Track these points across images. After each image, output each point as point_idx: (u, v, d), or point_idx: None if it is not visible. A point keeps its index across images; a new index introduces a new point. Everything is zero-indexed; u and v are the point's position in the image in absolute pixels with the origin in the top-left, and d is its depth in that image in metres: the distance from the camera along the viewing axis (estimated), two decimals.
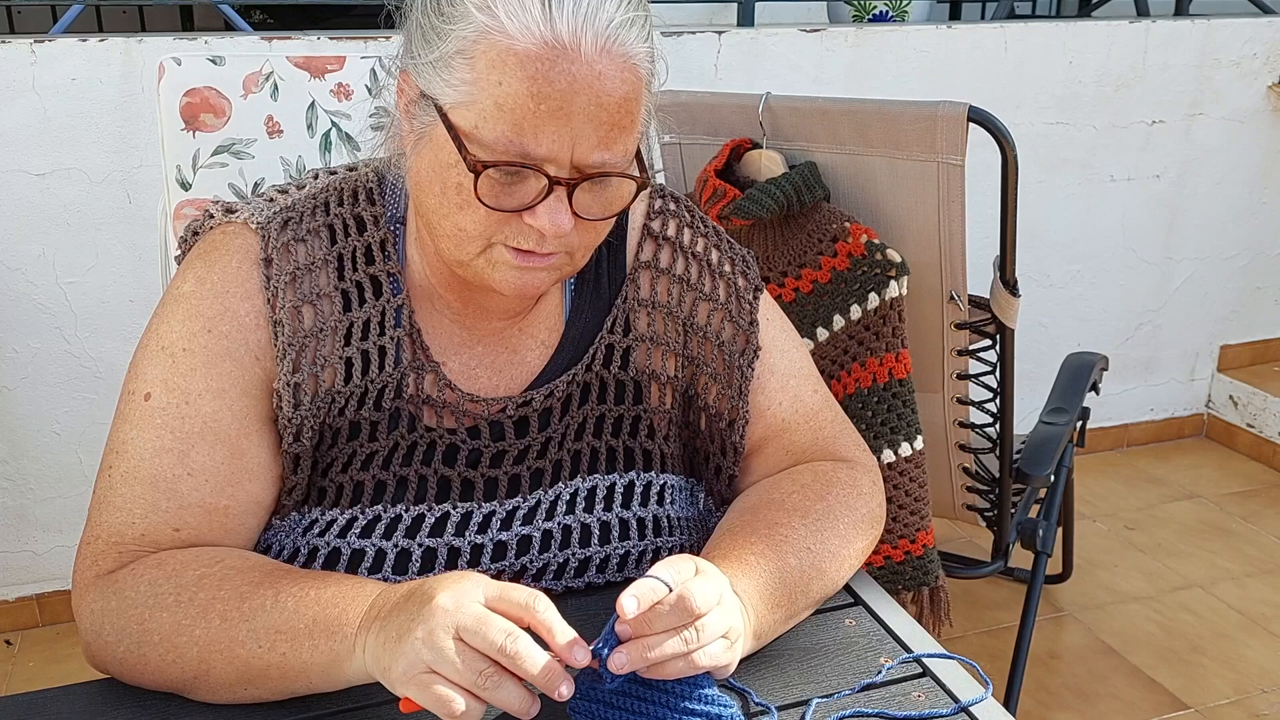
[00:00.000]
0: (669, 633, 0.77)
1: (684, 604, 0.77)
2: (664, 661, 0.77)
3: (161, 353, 0.92)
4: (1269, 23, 2.89)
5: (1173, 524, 2.75)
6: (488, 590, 0.76)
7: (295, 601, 0.82)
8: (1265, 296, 3.20)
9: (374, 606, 0.80)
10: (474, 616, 0.73)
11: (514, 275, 0.88)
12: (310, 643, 0.80)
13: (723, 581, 0.83)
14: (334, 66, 1.47)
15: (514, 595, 0.76)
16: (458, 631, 0.73)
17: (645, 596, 0.76)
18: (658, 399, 1.04)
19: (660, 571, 0.78)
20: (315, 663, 0.81)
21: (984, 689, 0.88)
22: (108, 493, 0.91)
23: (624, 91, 0.82)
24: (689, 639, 0.77)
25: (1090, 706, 2.09)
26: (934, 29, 2.61)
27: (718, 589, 0.81)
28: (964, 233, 1.55)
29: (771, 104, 1.64)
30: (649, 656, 0.76)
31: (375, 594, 0.82)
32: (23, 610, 2.34)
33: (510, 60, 0.80)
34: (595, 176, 0.84)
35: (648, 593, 0.76)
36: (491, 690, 0.73)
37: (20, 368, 2.20)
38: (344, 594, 0.82)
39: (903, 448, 1.58)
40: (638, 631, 0.77)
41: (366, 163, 1.01)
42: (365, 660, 0.78)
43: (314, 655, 0.80)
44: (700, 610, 0.77)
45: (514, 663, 0.72)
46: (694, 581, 0.79)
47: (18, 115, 2.05)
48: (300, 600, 0.82)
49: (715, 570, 0.84)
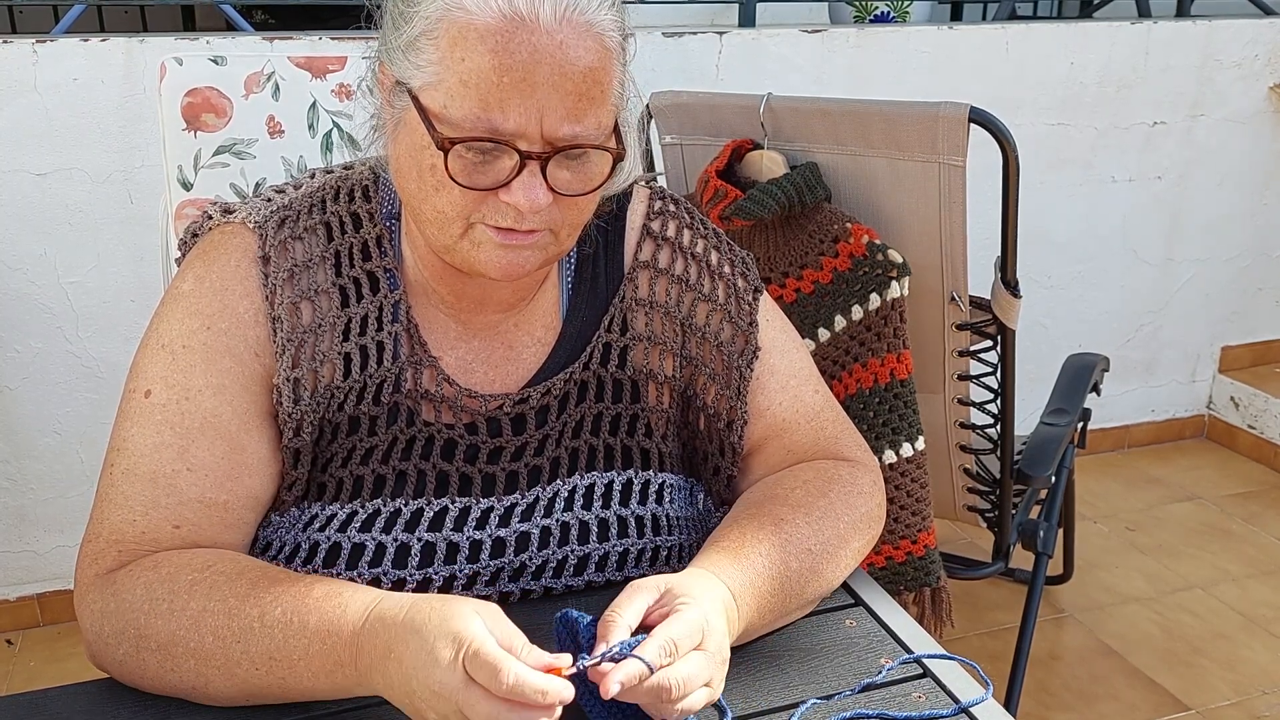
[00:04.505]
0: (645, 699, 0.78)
1: (661, 694, 0.77)
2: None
3: (161, 350, 0.92)
4: (1270, 24, 2.89)
5: (1173, 525, 2.75)
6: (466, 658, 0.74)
7: (282, 630, 0.81)
8: (1266, 297, 3.20)
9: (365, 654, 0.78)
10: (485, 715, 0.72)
11: (498, 255, 0.88)
12: (309, 673, 0.81)
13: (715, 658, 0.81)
14: (335, 66, 1.47)
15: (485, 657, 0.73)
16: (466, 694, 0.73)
17: (629, 680, 0.76)
18: (655, 398, 1.04)
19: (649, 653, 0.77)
20: (319, 689, 0.81)
21: (984, 690, 0.88)
22: (109, 490, 0.91)
23: (589, 61, 0.83)
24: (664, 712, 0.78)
25: (1090, 707, 2.09)
26: (935, 30, 2.61)
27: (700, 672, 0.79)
28: (965, 233, 1.55)
29: (773, 104, 1.64)
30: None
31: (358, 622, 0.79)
32: (23, 610, 2.34)
33: (471, 35, 0.81)
34: (567, 149, 0.84)
35: (632, 677, 0.76)
36: None
37: (21, 367, 2.20)
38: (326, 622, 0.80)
39: (904, 448, 1.58)
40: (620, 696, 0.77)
41: (363, 161, 1.02)
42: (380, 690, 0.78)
43: (315, 683, 0.81)
44: (673, 699, 0.77)
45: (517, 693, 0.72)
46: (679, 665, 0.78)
47: (19, 115, 2.05)
48: (288, 628, 0.81)
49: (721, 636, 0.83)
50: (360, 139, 1.01)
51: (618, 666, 0.76)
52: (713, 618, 0.83)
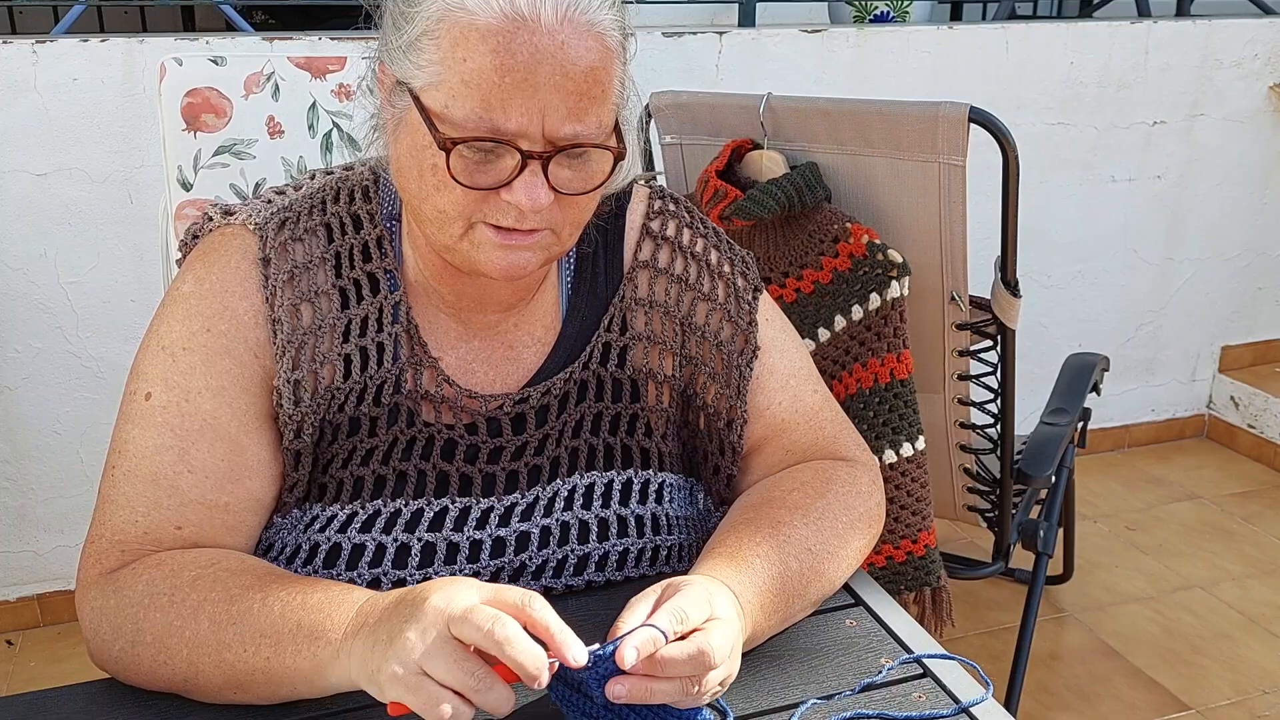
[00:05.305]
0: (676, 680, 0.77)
1: (702, 658, 0.77)
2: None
3: (161, 352, 0.92)
4: (1270, 23, 2.89)
5: (1174, 525, 2.75)
6: (481, 591, 0.76)
7: (282, 606, 0.82)
8: (1266, 297, 3.20)
9: (360, 613, 0.80)
10: (463, 607, 0.73)
11: (499, 255, 0.88)
12: (294, 648, 0.80)
13: (736, 627, 0.82)
14: (335, 67, 1.47)
15: (508, 595, 0.75)
16: (449, 626, 0.73)
17: (645, 647, 0.76)
18: (655, 398, 1.04)
19: (662, 620, 0.77)
20: (299, 668, 0.80)
21: (985, 690, 0.88)
22: (110, 492, 0.91)
23: (590, 60, 0.83)
24: (690, 691, 0.78)
25: (1091, 707, 2.09)
26: (935, 29, 2.61)
27: (732, 639, 0.80)
28: (965, 233, 1.55)
29: (773, 104, 1.64)
30: (648, 698, 0.77)
31: (362, 600, 0.81)
32: (24, 610, 2.34)
33: (472, 36, 0.81)
34: (569, 149, 0.84)
35: (647, 644, 0.76)
36: (483, 693, 0.72)
37: (22, 367, 2.20)
38: (330, 600, 0.82)
39: (904, 448, 1.58)
40: (648, 670, 0.76)
41: (363, 162, 1.02)
42: (351, 666, 0.77)
43: (297, 661, 0.80)
44: (715, 665, 0.77)
45: (502, 649, 0.71)
46: (714, 632, 0.79)
47: (19, 115, 2.05)
48: (286, 605, 0.82)
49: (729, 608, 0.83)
50: (360, 139, 1.01)
51: (632, 633, 0.76)
52: (716, 593, 0.83)
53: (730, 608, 0.83)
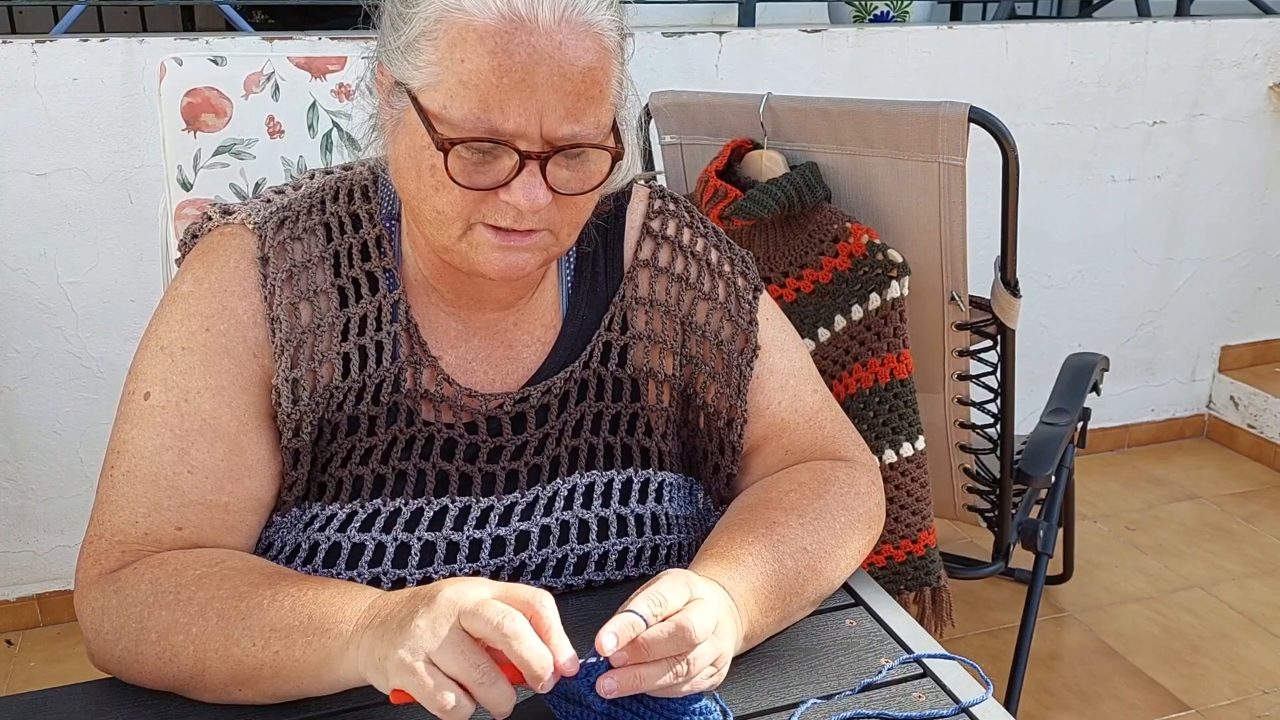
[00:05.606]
0: (661, 663, 0.77)
1: (683, 634, 0.77)
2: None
3: (160, 352, 0.92)
4: (1270, 23, 2.89)
5: (1173, 525, 2.75)
6: (494, 588, 0.76)
7: (292, 601, 0.82)
8: (1266, 297, 3.20)
9: (373, 608, 0.80)
10: (475, 600, 0.74)
11: (497, 256, 0.88)
12: (304, 640, 0.80)
13: (719, 606, 0.83)
14: (335, 66, 1.47)
15: (519, 593, 0.76)
16: (460, 619, 0.73)
17: (623, 633, 0.75)
18: (655, 397, 1.04)
19: (639, 605, 0.77)
20: (307, 661, 0.80)
21: (985, 689, 0.88)
22: (110, 492, 0.91)
23: (588, 61, 0.83)
24: (679, 672, 0.77)
25: (1091, 707, 2.09)
26: (935, 29, 2.61)
27: (714, 616, 0.80)
28: (965, 233, 1.55)
29: (773, 104, 1.64)
30: (639, 686, 0.76)
31: (374, 597, 0.82)
32: (24, 610, 2.34)
33: (470, 36, 0.81)
34: (567, 149, 0.84)
35: (625, 629, 0.75)
36: (486, 686, 0.72)
37: (21, 367, 2.20)
38: (343, 595, 0.82)
39: (904, 448, 1.58)
40: (634, 658, 0.76)
41: (362, 161, 1.02)
42: (359, 658, 0.78)
43: (306, 653, 0.80)
44: (698, 640, 0.77)
45: (509, 644, 0.72)
46: (693, 610, 0.79)
47: (19, 115, 2.05)
48: (297, 599, 0.82)
49: (711, 590, 0.84)
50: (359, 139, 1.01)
51: (611, 620, 0.76)
52: (695, 578, 0.83)
53: (710, 589, 0.83)
